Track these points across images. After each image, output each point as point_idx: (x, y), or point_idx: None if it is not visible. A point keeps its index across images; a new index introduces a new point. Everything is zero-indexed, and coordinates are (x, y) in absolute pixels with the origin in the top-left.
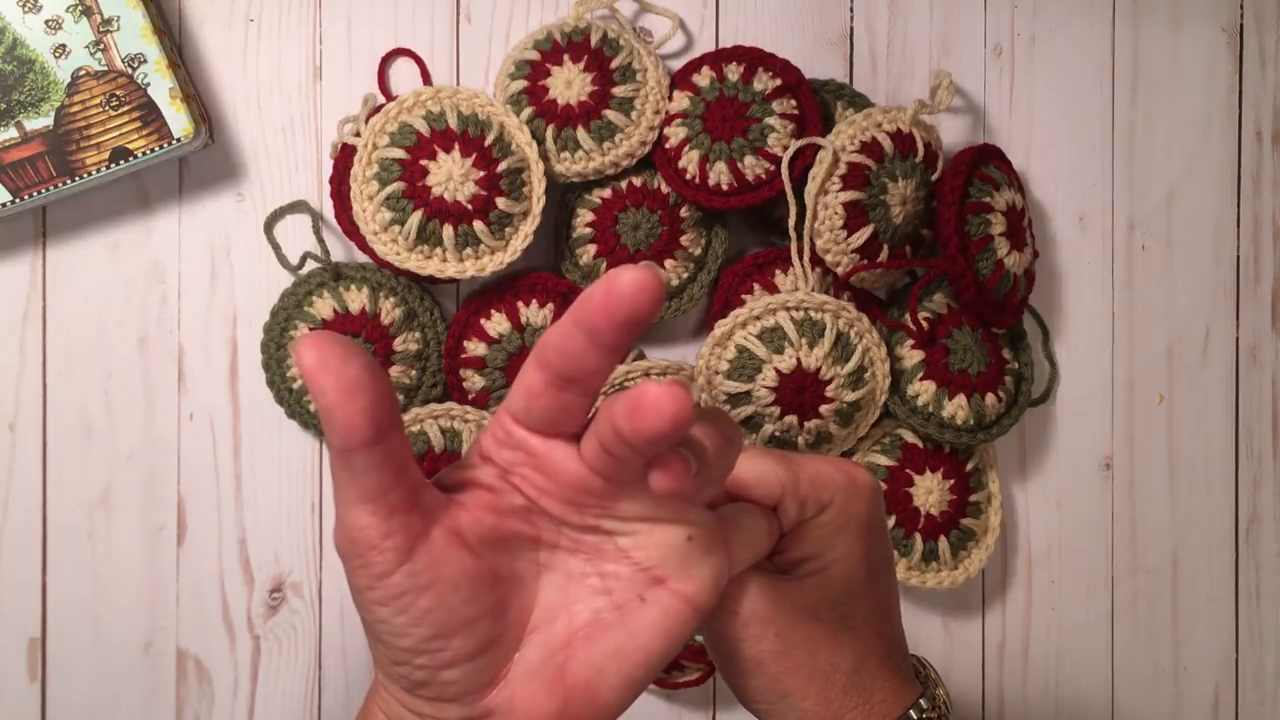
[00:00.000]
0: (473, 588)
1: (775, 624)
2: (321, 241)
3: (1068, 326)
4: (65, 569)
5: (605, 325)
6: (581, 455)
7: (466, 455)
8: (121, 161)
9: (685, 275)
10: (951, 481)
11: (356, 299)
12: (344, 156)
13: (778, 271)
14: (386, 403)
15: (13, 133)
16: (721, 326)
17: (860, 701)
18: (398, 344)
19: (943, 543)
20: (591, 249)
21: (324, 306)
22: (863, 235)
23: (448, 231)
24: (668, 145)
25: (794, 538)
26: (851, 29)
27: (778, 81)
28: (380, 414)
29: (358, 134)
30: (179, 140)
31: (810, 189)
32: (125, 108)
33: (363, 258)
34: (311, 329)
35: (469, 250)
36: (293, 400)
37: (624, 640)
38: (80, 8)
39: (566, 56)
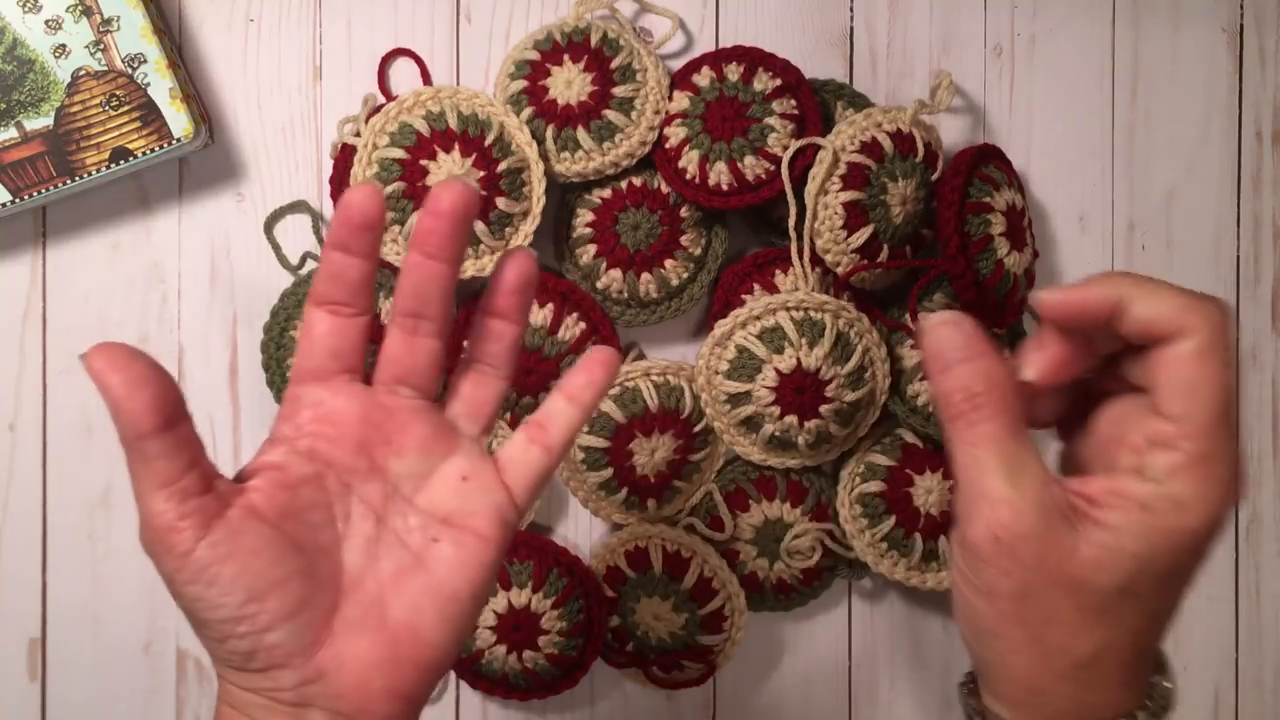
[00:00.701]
0: (275, 552)
1: (1025, 571)
2: (321, 241)
3: None
4: (65, 569)
5: (343, 232)
6: (398, 327)
7: (258, 452)
8: (121, 161)
9: (685, 275)
10: (952, 481)
11: None
12: (344, 156)
13: (778, 271)
14: (171, 395)
15: (13, 133)
16: (721, 326)
17: (1074, 693)
18: None
19: (943, 543)
20: (591, 249)
21: None
22: (863, 235)
23: None
24: (668, 145)
25: (1148, 365)
26: (851, 29)
27: (778, 81)
28: (166, 404)
29: (358, 134)
30: (179, 140)
31: (810, 189)
32: (125, 108)
33: None
34: None
35: (469, 250)
36: None
37: (429, 580)
38: (80, 8)
39: (566, 56)
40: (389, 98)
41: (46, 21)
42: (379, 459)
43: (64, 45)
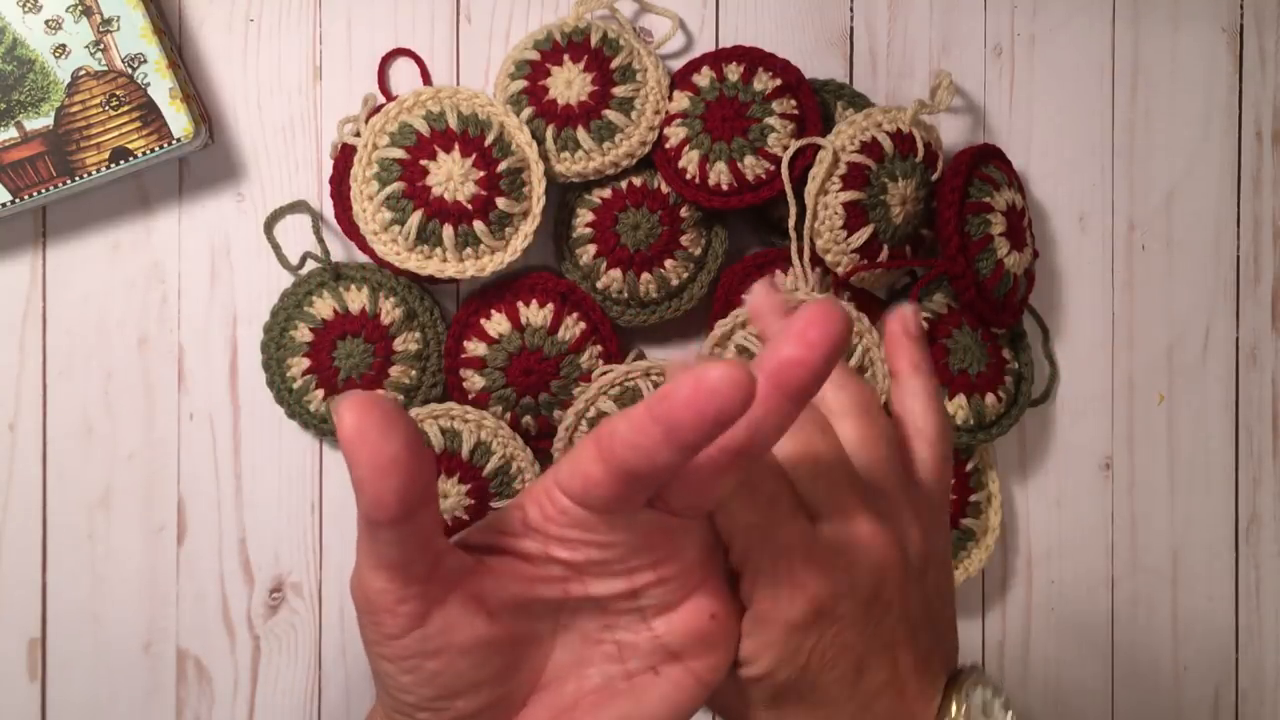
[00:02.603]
0: (484, 653)
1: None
2: (321, 241)
3: (1068, 326)
4: (65, 569)
5: (689, 421)
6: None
7: (505, 519)
8: (121, 161)
9: (685, 275)
10: (951, 482)
11: (356, 299)
12: (344, 156)
13: (778, 271)
14: (421, 479)
15: (13, 133)
16: (721, 326)
17: None
18: (398, 344)
19: None
20: (591, 249)
21: (324, 306)
22: (863, 235)
23: (448, 231)
24: (668, 145)
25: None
26: (851, 29)
27: (778, 81)
28: (412, 494)
29: (358, 134)
30: (179, 140)
31: (810, 189)
32: (125, 108)
33: (363, 258)
34: (312, 329)
35: (469, 250)
36: (293, 400)
37: (630, 710)
38: (80, 8)
39: (566, 56)
40: (389, 98)
41: (46, 21)
42: (637, 577)
43: (64, 45)
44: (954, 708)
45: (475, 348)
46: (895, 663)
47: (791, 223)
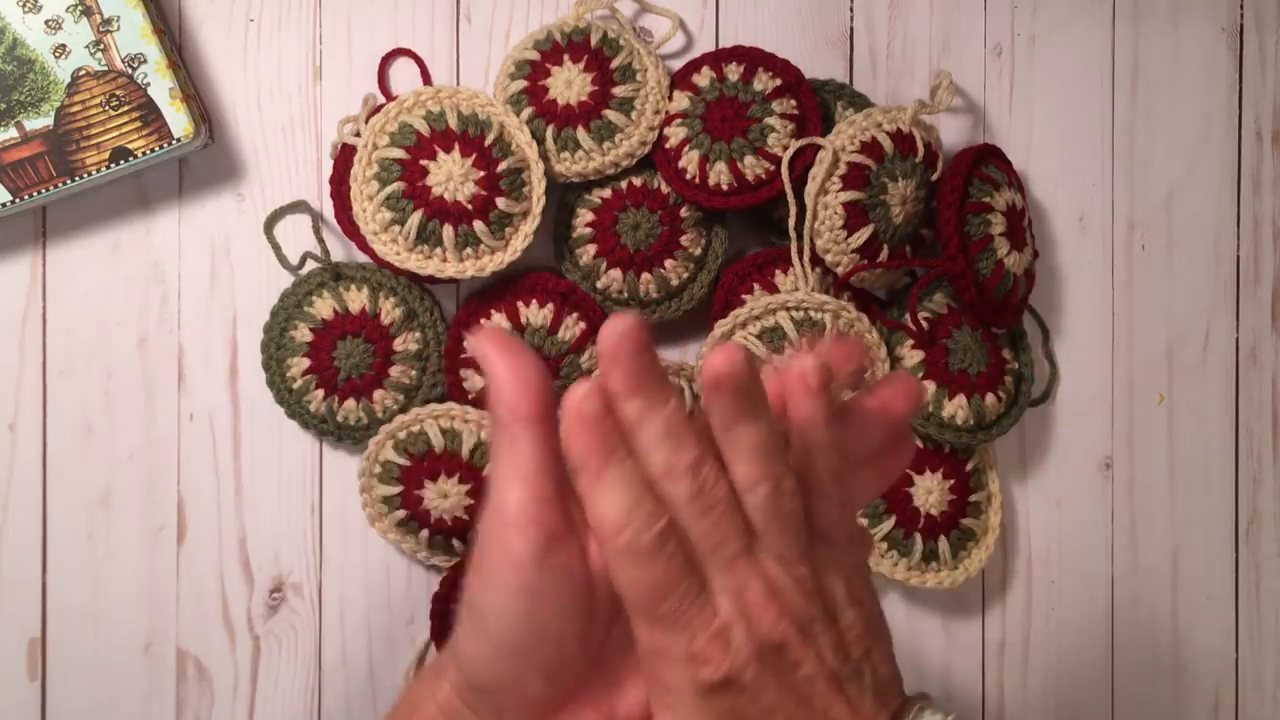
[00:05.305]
0: (583, 621)
1: None
2: (321, 241)
3: (1068, 326)
4: (65, 569)
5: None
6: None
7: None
8: (121, 161)
9: (685, 275)
10: (951, 481)
11: (356, 299)
12: (344, 156)
13: (778, 271)
14: (549, 384)
15: (13, 133)
16: (721, 326)
17: None
18: (398, 344)
19: (943, 543)
20: (591, 249)
21: (324, 306)
22: (863, 235)
23: (448, 231)
24: (668, 145)
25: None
26: (851, 29)
27: (778, 81)
28: (545, 397)
29: (358, 134)
30: (179, 140)
31: (810, 189)
32: (125, 108)
33: (363, 258)
34: (312, 329)
35: (469, 250)
36: (293, 400)
37: None
38: (80, 8)
39: (566, 56)
40: (389, 98)
41: (46, 21)
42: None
43: (64, 45)
44: None
45: None
46: (826, 716)
47: (791, 223)
